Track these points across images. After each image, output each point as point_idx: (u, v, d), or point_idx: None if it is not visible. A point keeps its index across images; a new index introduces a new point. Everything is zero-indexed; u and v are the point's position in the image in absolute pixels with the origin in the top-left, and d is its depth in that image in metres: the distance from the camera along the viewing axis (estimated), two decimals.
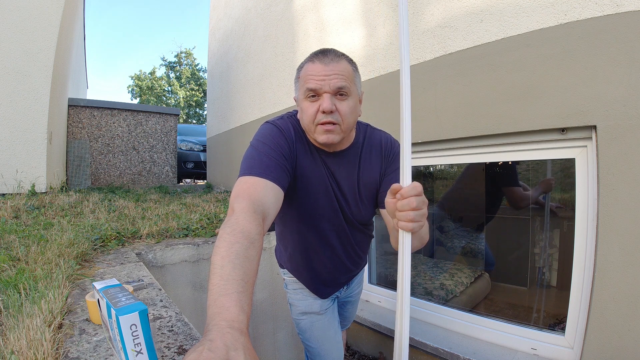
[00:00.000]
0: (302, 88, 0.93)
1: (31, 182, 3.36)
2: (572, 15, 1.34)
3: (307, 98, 0.91)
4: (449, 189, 2.28)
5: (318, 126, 0.91)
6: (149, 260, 1.88)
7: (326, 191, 1.02)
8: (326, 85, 0.89)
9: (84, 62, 9.07)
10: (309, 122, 0.92)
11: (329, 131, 0.91)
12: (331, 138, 0.92)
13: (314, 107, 0.90)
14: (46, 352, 0.79)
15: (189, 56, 22.54)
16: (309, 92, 0.90)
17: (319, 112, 0.90)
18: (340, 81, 0.89)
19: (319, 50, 0.94)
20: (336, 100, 0.90)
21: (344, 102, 0.91)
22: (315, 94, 0.90)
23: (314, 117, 0.91)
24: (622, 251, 1.23)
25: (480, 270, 2.22)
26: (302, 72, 0.95)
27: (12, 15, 3.33)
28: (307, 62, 0.94)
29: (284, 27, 3.33)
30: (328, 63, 0.90)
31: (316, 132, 0.92)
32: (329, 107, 0.88)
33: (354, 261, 1.20)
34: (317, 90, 0.89)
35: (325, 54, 0.92)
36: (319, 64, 0.90)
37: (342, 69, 0.91)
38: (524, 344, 1.58)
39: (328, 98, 0.89)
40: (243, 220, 0.70)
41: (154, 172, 5.95)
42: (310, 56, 0.95)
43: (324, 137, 0.92)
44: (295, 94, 1.00)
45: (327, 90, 0.89)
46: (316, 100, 0.91)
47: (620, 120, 1.23)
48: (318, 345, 1.24)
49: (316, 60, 0.91)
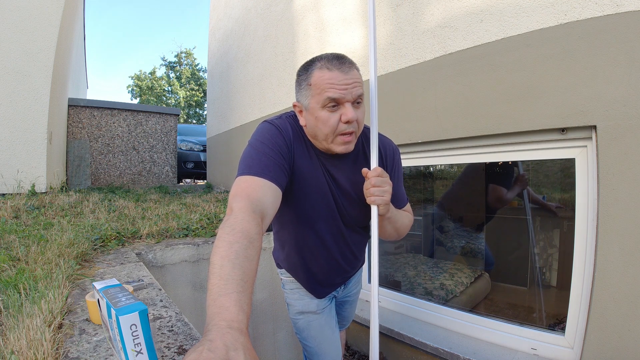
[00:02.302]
0: (318, 96, 0.88)
1: (31, 182, 3.36)
2: (572, 15, 1.34)
3: (325, 107, 0.88)
4: (448, 189, 2.28)
5: (338, 137, 0.90)
6: (149, 260, 1.88)
7: (324, 192, 1.02)
8: (349, 95, 0.87)
9: (84, 62, 9.07)
10: (328, 132, 0.90)
11: (348, 142, 0.91)
12: (349, 148, 0.93)
13: (334, 117, 0.88)
14: (46, 352, 0.79)
15: (189, 56, 22.55)
16: (329, 101, 0.87)
17: (340, 122, 0.88)
18: (359, 89, 0.88)
19: (332, 55, 0.90)
20: (354, 108, 0.89)
21: (360, 110, 0.91)
22: (336, 103, 0.88)
23: (335, 127, 0.89)
24: (622, 251, 1.23)
25: (480, 270, 2.22)
26: (315, 80, 0.89)
27: (12, 15, 3.33)
28: (320, 69, 0.89)
29: (284, 27, 3.33)
30: (347, 72, 0.87)
31: (334, 143, 0.91)
32: (354, 117, 0.87)
33: (351, 262, 1.20)
34: (340, 99, 0.87)
35: (341, 61, 0.88)
36: (338, 72, 0.86)
37: (358, 76, 0.90)
38: (524, 344, 1.58)
39: (351, 108, 0.87)
40: (242, 219, 0.69)
41: (154, 172, 5.95)
42: (322, 62, 0.89)
43: (343, 148, 0.92)
44: (300, 100, 0.95)
45: (349, 100, 0.87)
46: (336, 110, 0.88)
47: (620, 120, 1.23)
48: (315, 344, 1.24)
49: (333, 68, 0.87)
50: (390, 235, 1.08)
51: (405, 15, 2.02)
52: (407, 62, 2.02)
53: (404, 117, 1.99)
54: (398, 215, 1.05)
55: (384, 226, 1.02)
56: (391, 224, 1.02)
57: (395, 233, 1.08)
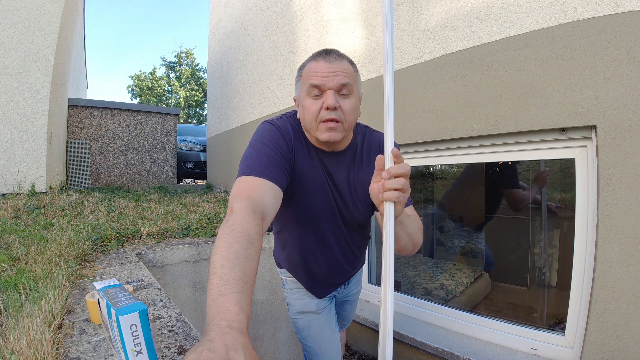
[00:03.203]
0: (304, 85, 0.93)
1: (31, 182, 3.36)
2: (572, 15, 1.34)
3: (309, 96, 0.91)
4: (449, 188, 2.28)
5: (321, 124, 0.91)
6: (149, 260, 1.88)
7: (324, 191, 1.02)
8: (330, 82, 0.89)
9: (84, 62, 9.07)
10: (311, 119, 0.91)
11: (332, 129, 0.90)
12: (333, 136, 0.91)
13: (317, 104, 0.90)
14: (46, 352, 0.79)
15: (189, 56, 22.54)
16: (312, 89, 0.90)
17: (322, 109, 0.89)
18: (344, 78, 0.89)
19: (322, 50, 0.95)
20: (339, 98, 0.90)
21: (347, 100, 0.91)
22: (319, 91, 0.90)
23: (317, 114, 0.90)
24: (622, 251, 1.23)
25: (480, 270, 2.22)
26: (304, 71, 0.94)
27: (12, 15, 3.33)
28: (309, 61, 0.94)
29: (284, 27, 3.33)
30: (332, 61, 0.90)
31: (318, 130, 0.92)
32: (333, 103, 0.88)
33: (351, 262, 1.20)
34: (321, 86, 0.89)
35: (328, 53, 0.93)
36: (323, 62, 0.90)
37: (346, 67, 0.91)
38: (524, 344, 1.58)
39: (332, 94, 0.88)
40: (242, 220, 0.69)
41: (154, 172, 5.95)
42: (312, 56, 0.95)
43: (327, 135, 0.91)
44: (295, 93, 1.00)
45: (331, 87, 0.89)
46: (319, 98, 0.90)
47: (620, 120, 1.23)
48: (315, 344, 1.24)
49: (319, 58, 0.92)
50: (406, 245, 0.93)
51: (405, 15, 2.02)
52: (407, 62, 2.02)
53: (404, 117, 1.99)
54: (408, 220, 0.93)
55: (397, 233, 0.84)
56: (403, 229, 0.89)
57: (410, 242, 0.93)
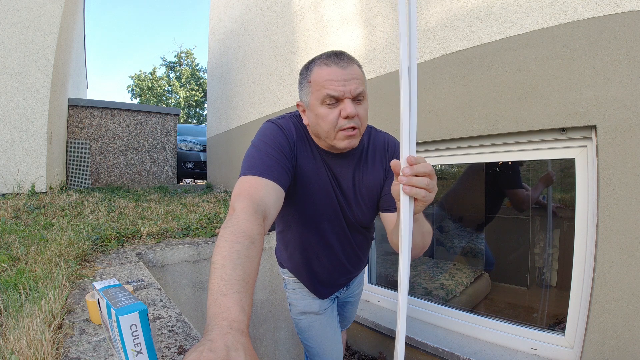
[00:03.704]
0: (317, 94, 0.89)
1: (31, 182, 3.36)
2: (572, 15, 1.34)
3: (324, 104, 0.89)
4: (449, 189, 2.28)
5: (339, 132, 0.89)
6: (149, 260, 1.88)
7: (327, 192, 1.01)
8: (347, 91, 0.87)
9: (84, 62, 9.06)
10: (329, 128, 0.89)
11: (351, 136, 0.90)
12: (352, 143, 0.91)
13: (334, 113, 0.88)
14: (46, 352, 0.79)
15: (189, 56, 22.54)
16: (329, 98, 0.87)
17: (340, 117, 0.88)
18: (359, 86, 0.88)
19: (331, 53, 0.91)
20: (355, 104, 0.89)
21: (362, 106, 0.90)
22: (335, 100, 0.88)
23: (335, 122, 0.88)
24: (622, 251, 1.23)
25: (480, 270, 2.22)
26: (314, 77, 0.90)
27: (12, 15, 3.33)
28: (319, 66, 0.90)
29: (284, 27, 3.33)
30: (345, 67, 0.87)
31: (337, 138, 0.91)
32: (353, 112, 0.87)
33: (354, 263, 1.20)
34: (338, 97, 0.87)
35: (339, 57, 0.89)
36: (337, 68, 0.87)
37: (358, 72, 0.89)
38: (524, 344, 1.58)
39: (350, 103, 0.87)
40: (244, 219, 0.69)
41: (154, 172, 5.95)
42: (321, 59, 0.91)
43: (346, 143, 0.90)
44: (302, 98, 0.96)
45: (348, 96, 0.87)
46: (335, 106, 0.88)
47: (620, 120, 1.23)
48: (317, 345, 1.24)
49: (331, 64, 0.88)
50: (417, 244, 0.85)
51: None
52: None
53: None
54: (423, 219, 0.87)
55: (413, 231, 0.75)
56: (419, 227, 0.81)
57: (421, 242, 0.86)
